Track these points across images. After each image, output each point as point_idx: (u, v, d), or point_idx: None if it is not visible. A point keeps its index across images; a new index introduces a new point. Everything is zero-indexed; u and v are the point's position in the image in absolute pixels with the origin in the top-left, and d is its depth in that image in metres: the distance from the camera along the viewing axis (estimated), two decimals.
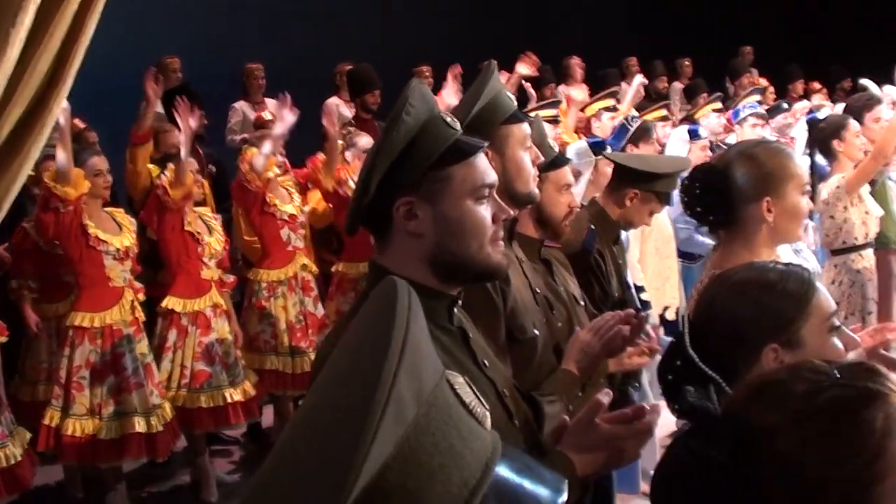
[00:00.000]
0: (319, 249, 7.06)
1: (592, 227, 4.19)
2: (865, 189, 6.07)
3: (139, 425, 5.38)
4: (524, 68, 7.89)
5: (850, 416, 1.25)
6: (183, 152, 5.70)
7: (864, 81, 8.76)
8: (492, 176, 2.06)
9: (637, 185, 4.32)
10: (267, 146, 6.17)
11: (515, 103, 2.85)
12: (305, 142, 7.46)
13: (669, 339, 5.88)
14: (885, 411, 1.25)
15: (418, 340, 0.85)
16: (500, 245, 2.07)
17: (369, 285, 2.11)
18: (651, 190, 4.32)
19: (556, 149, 3.61)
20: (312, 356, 6.32)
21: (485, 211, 2.03)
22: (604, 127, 7.88)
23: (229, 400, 5.83)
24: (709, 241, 6.34)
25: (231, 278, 6.22)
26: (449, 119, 2.05)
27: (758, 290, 1.97)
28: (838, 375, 1.29)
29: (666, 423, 1.84)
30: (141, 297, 5.71)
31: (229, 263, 6.25)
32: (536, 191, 2.87)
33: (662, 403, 1.91)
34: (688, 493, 1.30)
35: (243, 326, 6.33)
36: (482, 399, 0.94)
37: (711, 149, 7.14)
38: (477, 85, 2.76)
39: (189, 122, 5.75)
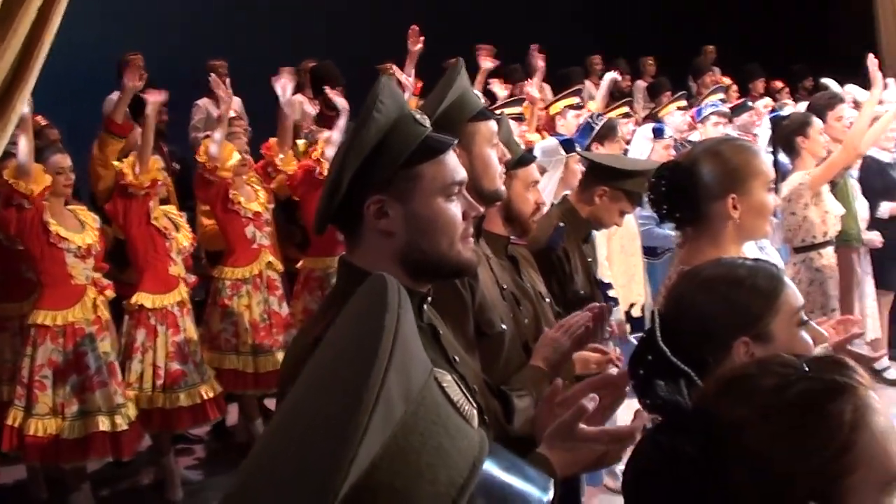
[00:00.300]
0: (284, 246, 7.02)
1: (561, 224, 4.21)
2: (826, 188, 6.13)
3: (103, 424, 5.35)
4: (487, 62, 7.91)
5: (818, 410, 1.27)
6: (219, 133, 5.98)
7: (826, 80, 8.87)
8: (461, 173, 2.06)
9: (606, 182, 4.35)
10: (218, 133, 6.15)
11: (482, 101, 2.86)
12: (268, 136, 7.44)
13: (635, 336, 5.92)
14: (853, 404, 1.27)
15: (408, 338, 0.85)
16: (470, 242, 2.07)
17: (340, 284, 2.11)
18: (620, 188, 4.35)
19: (522, 146, 3.63)
20: (278, 356, 6.31)
21: (455, 208, 2.03)
22: (568, 125, 7.89)
23: (205, 397, 5.83)
24: (669, 233, 6.38)
25: (192, 278, 6.17)
26: (419, 117, 2.06)
27: (727, 285, 1.99)
28: (807, 369, 1.31)
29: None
30: (110, 293, 5.67)
31: (192, 262, 6.20)
32: (503, 188, 2.88)
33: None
34: (658, 487, 1.31)
35: (206, 324, 6.31)
36: (470, 397, 0.94)
37: (675, 147, 7.19)
38: (444, 83, 2.77)
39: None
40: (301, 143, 6.83)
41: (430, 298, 2.09)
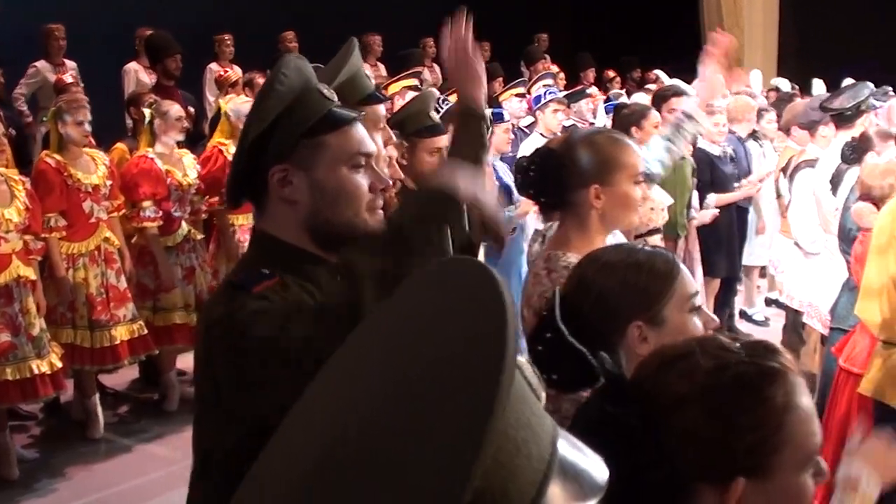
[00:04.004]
0: None
1: None
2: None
3: None
4: None
5: (753, 392, 1.37)
6: None
7: (657, 72, 9.19)
8: (368, 146, 2.10)
9: None
10: None
11: (373, 84, 2.90)
12: (106, 107, 7.24)
13: None
14: (784, 388, 1.38)
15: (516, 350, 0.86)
16: (378, 213, 2.11)
17: (252, 250, 2.16)
18: None
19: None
20: (115, 330, 6.19)
21: (361, 179, 2.07)
22: None
23: (36, 371, 5.58)
24: (510, 214, 6.53)
25: (39, 245, 5.91)
26: (325, 91, 2.09)
27: (626, 268, 2.05)
28: (744, 354, 1.41)
29: None
30: None
31: (40, 229, 5.93)
32: (387, 171, 2.93)
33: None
34: (597, 452, 1.40)
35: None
36: (539, 379, 0.99)
37: (513, 131, 7.36)
38: (336, 62, 2.79)
39: None
40: (147, 112, 6.67)
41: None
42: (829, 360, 4.98)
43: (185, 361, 7.00)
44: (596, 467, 0.94)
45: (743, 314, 9.01)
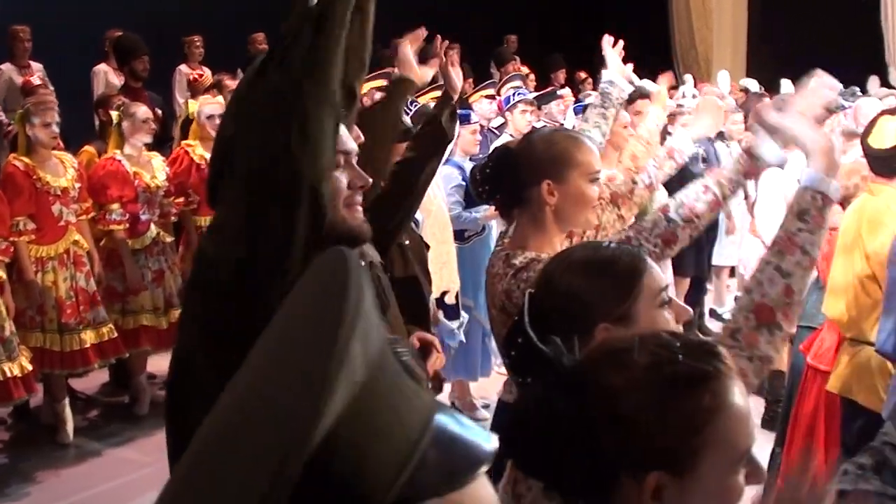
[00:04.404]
0: None
1: None
2: None
3: None
4: None
5: (682, 392, 1.41)
6: None
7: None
8: (348, 144, 2.11)
9: None
10: None
11: None
12: (75, 110, 7.20)
13: (448, 322, 6.03)
14: (713, 391, 1.41)
15: (368, 308, 0.90)
16: (357, 210, 2.13)
17: None
18: None
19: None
20: (83, 334, 6.16)
21: (340, 176, 2.09)
22: None
23: (8, 374, 5.56)
24: (476, 216, 6.55)
25: (3, 245, 5.87)
26: None
27: (593, 267, 2.05)
28: (682, 353, 1.44)
29: None
30: None
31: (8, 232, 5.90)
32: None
33: None
34: (533, 435, 1.43)
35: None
36: (419, 363, 1.02)
37: (483, 133, 7.37)
38: None
39: None
40: (114, 114, 6.64)
41: None
42: (797, 357, 5.02)
43: (156, 365, 6.96)
44: (479, 439, 0.96)
45: (713, 313, 9.08)
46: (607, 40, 4.15)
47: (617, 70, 4.01)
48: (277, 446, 0.82)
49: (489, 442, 0.97)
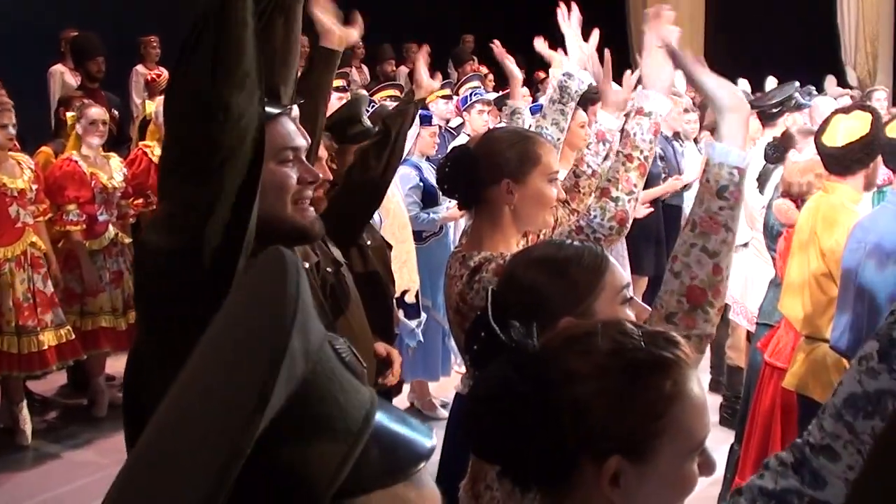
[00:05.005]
0: None
1: None
2: None
3: None
4: None
5: (641, 380, 1.43)
6: None
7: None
8: (297, 140, 2.10)
9: None
10: None
11: None
12: (31, 110, 7.13)
13: (408, 321, 6.03)
14: (673, 379, 1.44)
15: (306, 304, 0.91)
16: (307, 207, 2.12)
17: None
18: None
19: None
20: (41, 336, 6.11)
21: (289, 172, 2.07)
22: (333, 107, 7.93)
23: None
24: (435, 217, 6.56)
25: None
26: None
27: (555, 264, 2.06)
28: (642, 342, 1.46)
29: None
30: None
31: None
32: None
33: None
34: (493, 415, 1.45)
35: None
36: (359, 358, 1.04)
37: (441, 133, 7.37)
38: None
39: None
40: (70, 115, 6.60)
41: None
42: (755, 355, 5.08)
43: (114, 366, 6.92)
44: (419, 437, 0.99)
45: None
46: (562, 14, 4.06)
47: (576, 57, 3.95)
48: (219, 445, 0.83)
49: (429, 436, 0.99)
